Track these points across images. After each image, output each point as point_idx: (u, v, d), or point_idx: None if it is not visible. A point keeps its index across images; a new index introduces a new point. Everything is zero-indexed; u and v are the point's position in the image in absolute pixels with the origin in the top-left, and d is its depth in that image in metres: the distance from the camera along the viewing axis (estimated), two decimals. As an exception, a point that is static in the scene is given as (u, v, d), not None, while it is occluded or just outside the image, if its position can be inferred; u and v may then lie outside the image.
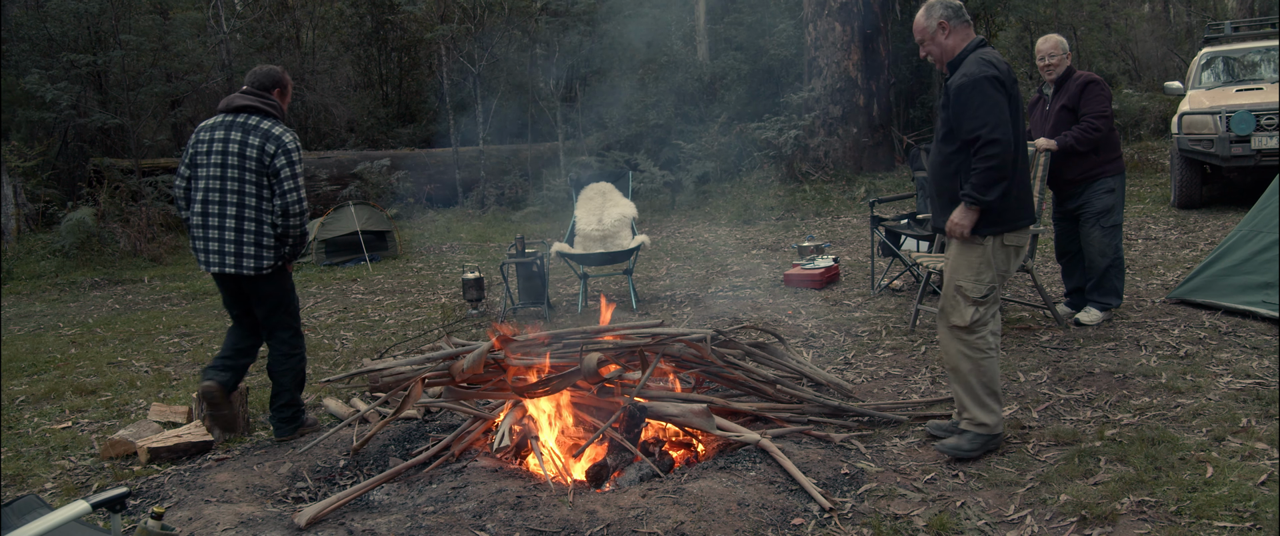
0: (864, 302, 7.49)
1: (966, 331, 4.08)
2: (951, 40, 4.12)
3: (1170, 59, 21.84)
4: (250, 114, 4.71)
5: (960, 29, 4.12)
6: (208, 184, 4.66)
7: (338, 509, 3.85)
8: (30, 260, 12.66)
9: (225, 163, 4.63)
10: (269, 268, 4.71)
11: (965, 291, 4.07)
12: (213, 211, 4.65)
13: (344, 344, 7.38)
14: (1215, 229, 9.39)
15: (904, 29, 17.34)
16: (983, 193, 3.90)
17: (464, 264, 11.10)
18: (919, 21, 4.17)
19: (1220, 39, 11.94)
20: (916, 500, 3.73)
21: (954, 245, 4.13)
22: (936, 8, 4.11)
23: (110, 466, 4.75)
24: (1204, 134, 10.01)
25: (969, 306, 4.06)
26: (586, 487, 4.03)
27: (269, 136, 4.63)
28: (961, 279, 4.08)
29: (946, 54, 4.14)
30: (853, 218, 12.69)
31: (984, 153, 3.88)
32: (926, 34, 4.15)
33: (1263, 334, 5.61)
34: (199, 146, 4.70)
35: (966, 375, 4.11)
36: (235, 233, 4.64)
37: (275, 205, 4.66)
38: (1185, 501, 3.50)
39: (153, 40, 17.52)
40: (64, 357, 7.51)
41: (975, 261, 4.06)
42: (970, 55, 4.05)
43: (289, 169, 4.63)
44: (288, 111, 4.99)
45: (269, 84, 4.83)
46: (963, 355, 4.11)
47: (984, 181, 3.89)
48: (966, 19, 4.14)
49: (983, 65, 3.94)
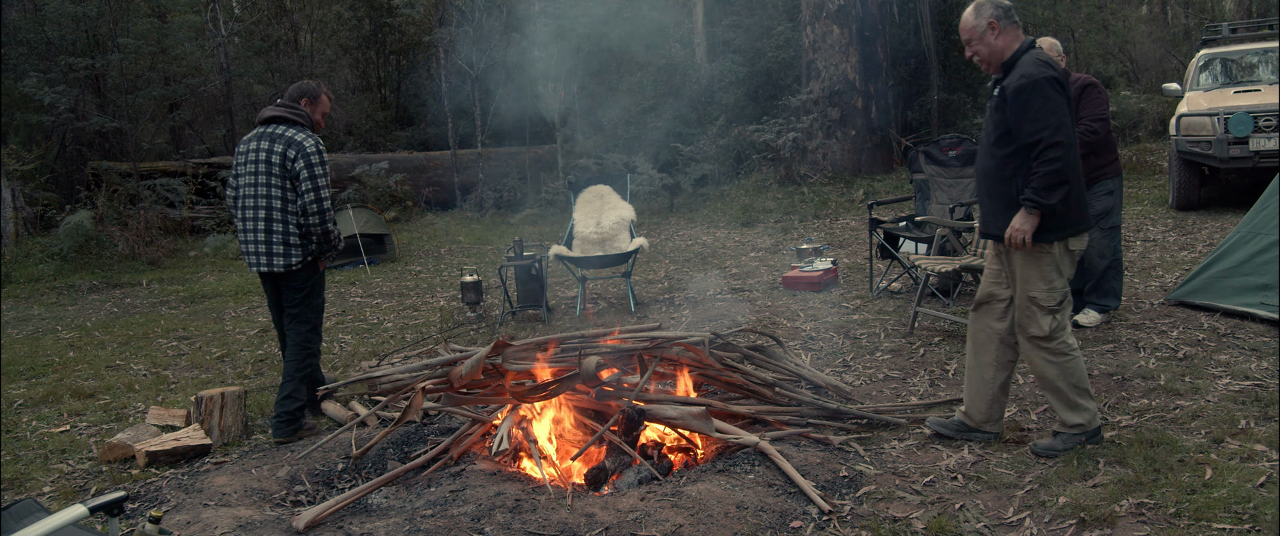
0: (862, 305, 7.49)
1: (1047, 340, 4.05)
2: (1001, 41, 4.05)
3: (1168, 61, 21.85)
4: (278, 123, 5.13)
5: (1010, 29, 4.05)
6: (244, 190, 5.13)
7: (336, 512, 3.85)
8: (28, 263, 12.65)
9: (256, 170, 5.07)
10: (298, 264, 5.08)
11: (1039, 301, 4.02)
12: (248, 215, 5.11)
13: (342, 347, 7.38)
14: (1213, 230, 9.40)
15: (902, 32, 17.35)
16: (1045, 196, 3.84)
17: (462, 267, 11.09)
18: (967, 20, 4.09)
19: (1218, 41, 11.95)
20: (915, 503, 3.73)
21: (1019, 257, 4.06)
22: (986, 7, 4.04)
23: (108, 470, 4.74)
24: (1202, 136, 10.01)
25: (1046, 315, 4.03)
26: (585, 490, 4.03)
27: (292, 143, 5.02)
28: (1034, 289, 4.03)
29: (996, 55, 4.07)
30: (851, 220, 12.69)
31: (1045, 155, 3.82)
32: (975, 34, 4.07)
33: (1261, 335, 5.62)
34: (239, 157, 5.20)
35: (1054, 380, 4.09)
36: (266, 233, 5.06)
37: (298, 205, 5.03)
38: (1184, 503, 3.50)
39: (151, 44, 17.51)
40: (62, 361, 7.50)
41: (1046, 269, 4.01)
42: (1024, 56, 3.99)
43: (308, 171, 4.98)
44: (325, 119, 5.41)
45: (298, 95, 5.26)
46: (1048, 362, 4.08)
47: (1046, 185, 3.83)
48: (1016, 19, 4.07)
49: (1040, 66, 3.89)
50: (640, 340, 4.89)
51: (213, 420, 5.11)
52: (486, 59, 17.17)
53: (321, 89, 5.35)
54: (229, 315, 9.19)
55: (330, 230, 5.10)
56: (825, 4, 15.08)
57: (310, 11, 23.99)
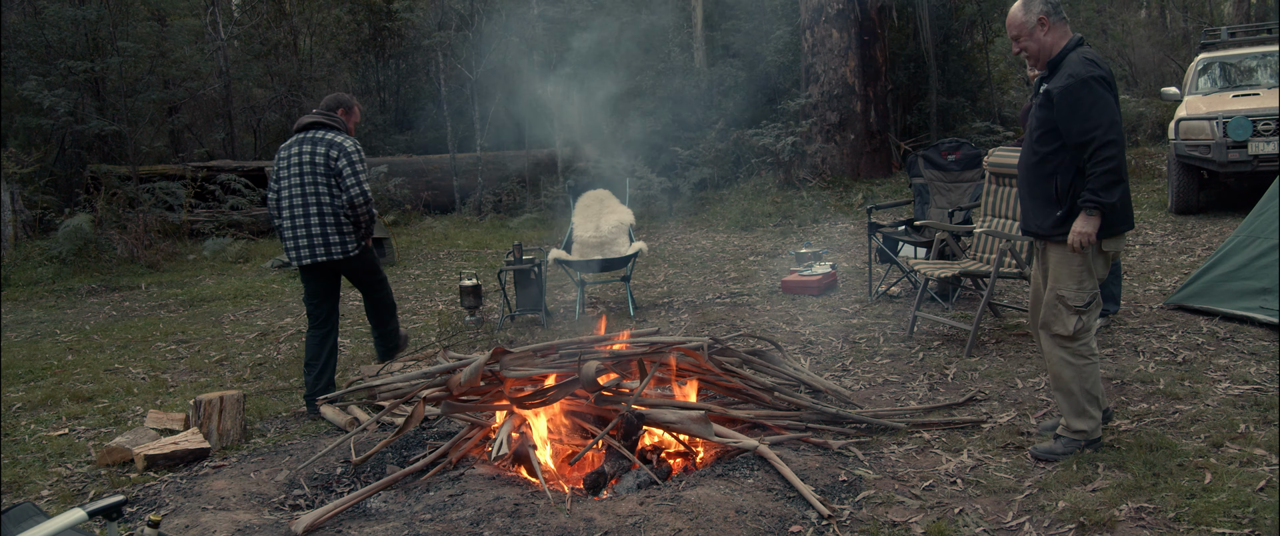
0: (861, 309, 7.49)
1: (1070, 340, 4.06)
2: (1051, 37, 4.04)
3: (1167, 64, 21.88)
4: (317, 129, 5.67)
5: (1059, 26, 4.03)
6: (290, 191, 5.59)
7: (335, 516, 3.85)
8: (27, 266, 12.64)
9: (301, 171, 5.56)
10: (355, 249, 5.71)
11: (1067, 300, 4.03)
12: (298, 213, 5.57)
13: (341, 350, 7.37)
14: (1213, 234, 9.40)
15: (901, 35, 17.36)
16: (1104, 196, 3.83)
17: (461, 271, 11.08)
18: (1016, 16, 4.07)
19: (1217, 44, 11.96)
20: (915, 507, 3.73)
21: (1054, 255, 4.08)
22: (1035, 3, 4.02)
23: (107, 473, 4.74)
24: (1201, 139, 10.02)
25: (1072, 315, 4.03)
26: (584, 495, 4.03)
27: (333, 144, 5.57)
28: (1063, 288, 4.04)
29: (1044, 51, 4.06)
30: (850, 224, 12.70)
31: (1100, 155, 3.81)
32: (1024, 30, 4.05)
33: (1260, 339, 5.62)
34: (280, 162, 5.65)
35: (1069, 382, 4.09)
36: (319, 227, 5.58)
37: (343, 199, 5.57)
38: (1184, 508, 3.49)
39: (150, 47, 17.50)
40: (61, 364, 7.50)
41: (1077, 269, 4.02)
42: (1071, 54, 3.98)
43: (350, 168, 5.54)
44: (357, 125, 6.00)
45: (334, 105, 5.86)
46: (1066, 363, 4.08)
47: (1104, 184, 3.82)
48: (1064, 16, 4.06)
49: (1088, 65, 3.88)
50: (639, 345, 4.88)
51: (211, 424, 5.11)
52: (486, 63, 17.17)
53: (355, 101, 5.98)
54: (228, 318, 9.18)
55: (374, 214, 5.75)
56: (824, 8, 15.09)
57: (310, 15, 23.98)
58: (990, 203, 6.58)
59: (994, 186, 6.54)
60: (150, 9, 18.90)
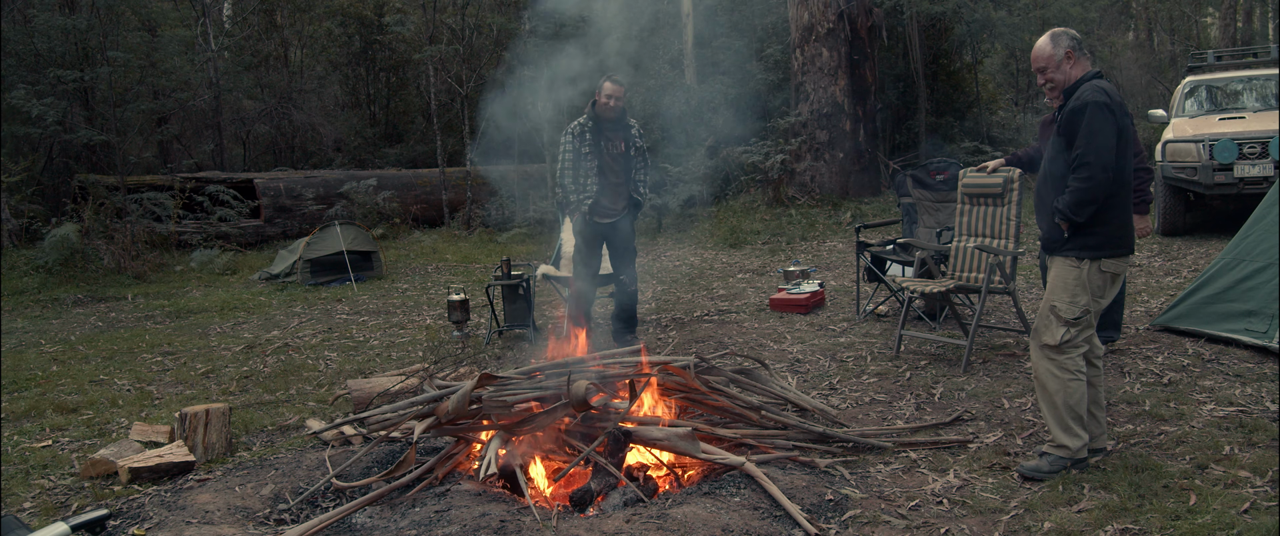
0: (849, 328, 7.50)
1: (1056, 351, 4.15)
2: (1076, 70, 4.20)
3: (1154, 87, 22.07)
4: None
5: (1083, 60, 4.20)
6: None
7: (319, 531, 3.83)
8: (13, 276, 12.57)
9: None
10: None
11: (1059, 311, 4.14)
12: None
13: (328, 364, 7.35)
14: (1198, 256, 9.46)
15: (891, 55, 17.47)
16: (1072, 213, 4.03)
17: (449, 285, 11.08)
18: (1043, 49, 4.22)
19: (1203, 68, 12.07)
20: (901, 527, 3.73)
21: (1054, 267, 4.23)
22: (1063, 37, 4.19)
23: (90, 486, 4.70)
24: (1187, 162, 10.10)
25: (1061, 326, 4.13)
26: (570, 512, 4.02)
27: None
28: (1056, 298, 4.16)
29: (1069, 83, 4.21)
30: (838, 242, 12.73)
31: (1079, 174, 4.00)
32: (1052, 62, 4.20)
33: (1245, 361, 5.65)
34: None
35: (1053, 394, 4.16)
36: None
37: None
38: (1168, 529, 3.51)
39: (140, 57, 17.45)
40: (45, 375, 7.45)
41: (1071, 283, 4.13)
42: (1085, 83, 4.13)
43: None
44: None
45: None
46: (1051, 374, 4.16)
47: (1074, 201, 4.02)
48: (1087, 51, 4.23)
49: (1096, 92, 4.04)
50: (625, 364, 4.89)
51: (196, 437, 5.08)
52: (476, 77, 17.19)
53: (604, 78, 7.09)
54: (215, 331, 9.14)
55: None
56: (815, 27, 15.17)
57: (300, 27, 24.01)
58: (964, 222, 6.69)
59: (968, 206, 6.66)
60: (141, 19, 18.86)
